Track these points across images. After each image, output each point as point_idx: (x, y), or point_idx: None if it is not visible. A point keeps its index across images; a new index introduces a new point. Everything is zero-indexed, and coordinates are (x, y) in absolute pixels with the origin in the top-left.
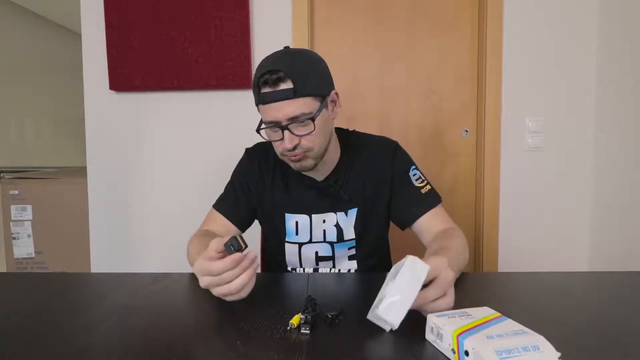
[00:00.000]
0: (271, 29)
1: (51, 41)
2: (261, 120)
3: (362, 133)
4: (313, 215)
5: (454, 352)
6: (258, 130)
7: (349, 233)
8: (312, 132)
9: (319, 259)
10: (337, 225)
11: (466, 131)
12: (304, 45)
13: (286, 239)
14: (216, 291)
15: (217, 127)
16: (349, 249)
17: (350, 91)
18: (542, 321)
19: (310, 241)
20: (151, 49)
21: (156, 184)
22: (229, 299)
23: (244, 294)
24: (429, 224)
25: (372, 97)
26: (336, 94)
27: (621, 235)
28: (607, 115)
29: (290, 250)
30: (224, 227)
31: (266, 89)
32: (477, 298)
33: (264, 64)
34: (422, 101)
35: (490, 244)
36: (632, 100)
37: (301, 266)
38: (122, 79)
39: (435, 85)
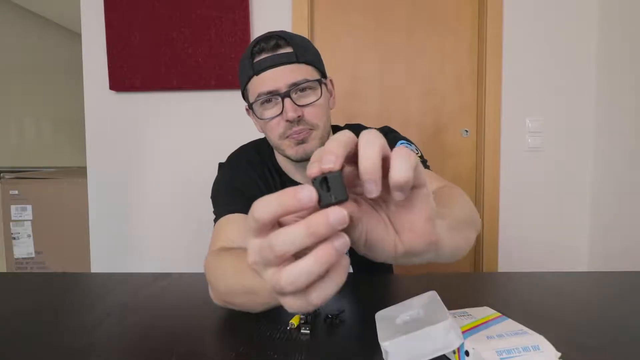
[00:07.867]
0: (271, 29)
1: (51, 41)
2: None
3: (355, 125)
4: None
5: (454, 352)
6: (250, 107)
7: None
8: (318, 100)
9: None
10: None
11: (466, 131)
12: None
13: None
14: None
15: (217, 127)
16: None
17: (350, 91)
18: (542, 321)
19: None
20: (151, 49)
21: (156, 184)
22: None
23: (316, 299)
24: None
25: (372, 97)
26: (331, 81)
27: (621, 235)
28: (607, 116)
29: None
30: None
31: (262, 56)
32: (477, 298)
33: (256, 39)
34: (422, 101)
35: (490, 244)
36: (632, 100)
37: None
38: (122, 79)
39: (435, 85)
